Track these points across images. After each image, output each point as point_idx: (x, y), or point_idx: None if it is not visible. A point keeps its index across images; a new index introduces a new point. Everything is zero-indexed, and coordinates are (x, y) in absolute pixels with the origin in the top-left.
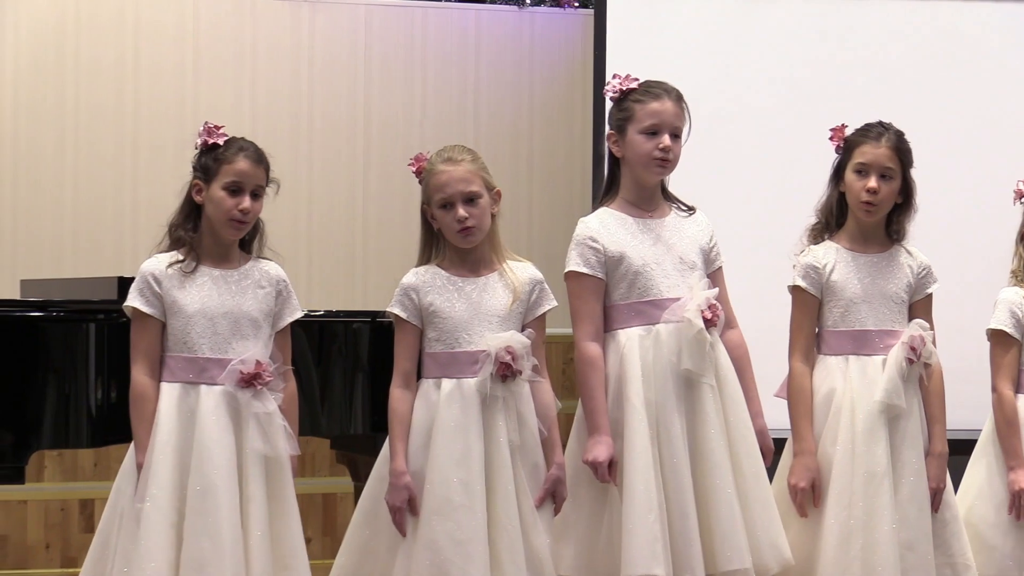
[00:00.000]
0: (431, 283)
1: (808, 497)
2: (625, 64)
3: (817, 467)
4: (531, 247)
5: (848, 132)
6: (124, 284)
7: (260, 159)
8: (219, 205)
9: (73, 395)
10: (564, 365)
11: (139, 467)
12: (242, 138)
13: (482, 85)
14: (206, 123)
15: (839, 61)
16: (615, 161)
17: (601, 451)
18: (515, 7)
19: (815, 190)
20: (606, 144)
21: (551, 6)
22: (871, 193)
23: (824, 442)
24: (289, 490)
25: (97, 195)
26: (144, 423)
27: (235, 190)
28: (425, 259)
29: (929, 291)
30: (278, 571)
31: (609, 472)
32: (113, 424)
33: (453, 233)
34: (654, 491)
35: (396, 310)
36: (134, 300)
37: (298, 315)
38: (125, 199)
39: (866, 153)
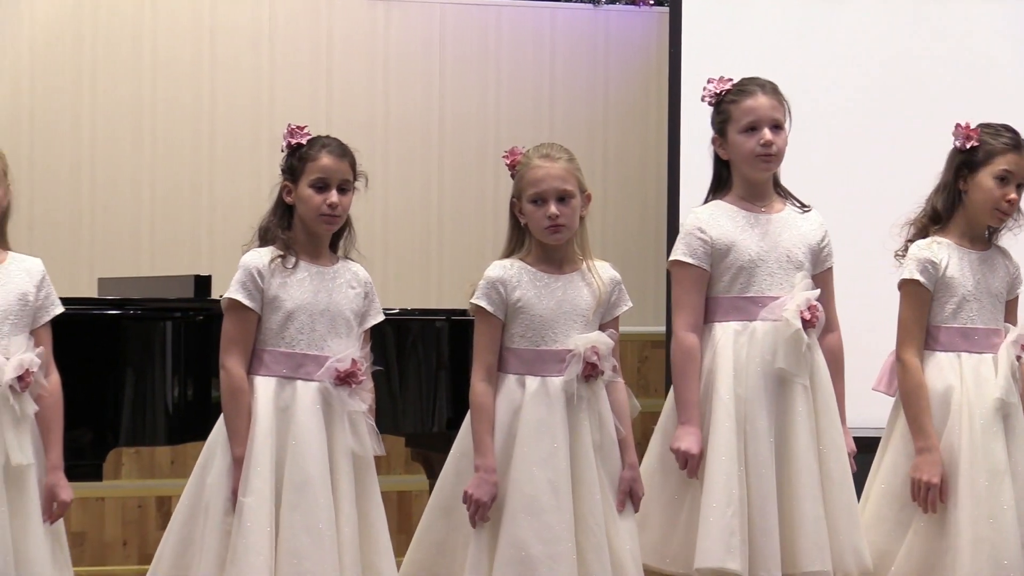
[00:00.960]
0: (519, 278)
1: (937, 493)
2: (701, 62)
3: (942, 463)
4: (605, 247)
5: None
6: (200, 282)
7: (344, 154)
8: (308, 203)
9: (150, 393)
10: (639, 364)
11: (236, 460)
12: (326, 136)
13: (557, 83)
14: (289, 125)
15: (918, 58)
16: (723, 162)
17: (692, 443)
18: (590, 5)
19: (889, 189)
20: (712, 147)
21: (626, 4)
22: (1010, 204)
23: (949, 439)
24: (375, 489)
25: (174, 194)
26: (241, 416)
27: (321, 186)
28: (509, 253)
29: (1017, 292)
30: (366, 570)
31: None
32: (189, 422)
33: (541, 229)
34: (735, 486)
35: (482, 303)
36: (236, 293)
37: (380, 318)
38: (202, 198)
39: (1011, 161)
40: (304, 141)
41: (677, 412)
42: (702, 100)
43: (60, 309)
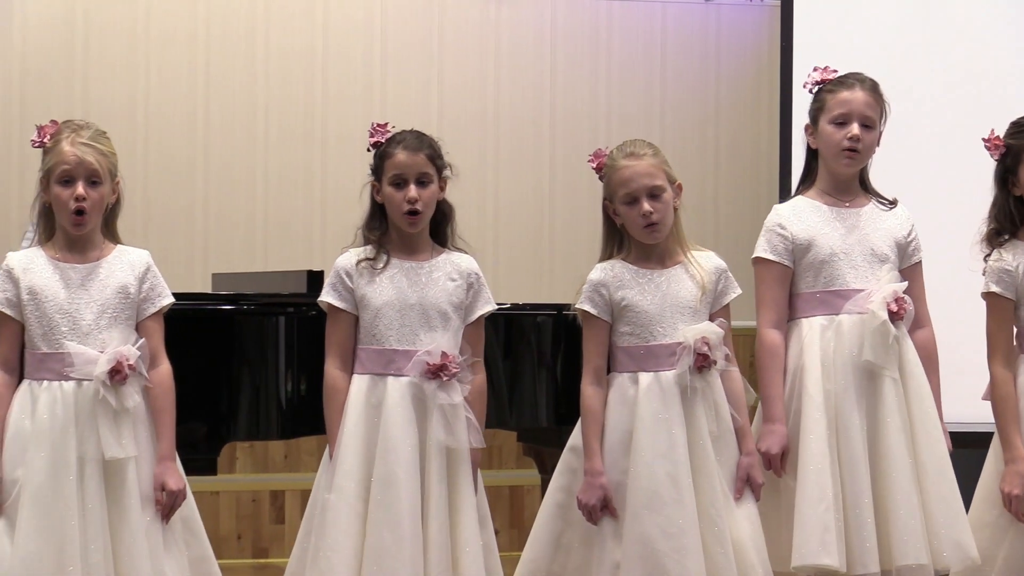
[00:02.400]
0: (620, 277)
1: (1022, 505)
2: (812, 57)
3: None
4: (717, 241)
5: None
6: (313, 278)
7: (419, 147)
8: (390, 201)
9: (264, 387)
10: (751, 356)
11: (332, 459)
12: (405, 130)
13: (668, 79)
14: (373, 123)
15: None
16: (812, 152)
17: (774, 442)
18: (701, 0)
19: None
20: (804, 135)
21: None
22: None
23: None
24: (468, 484)
25: (287, 189)
26: (335, 416)
27: (399, 183)
28: (608, 255)
29: None
30: (453, 567)
31: (781, 462)
32: (303, 416)
33: (639, 229)
34: (828, 481)
35: (586, 306)
36: (327, 295)
37: (490, 308)
38: (314, 192)
39: None
40: (384, 139)
41: (762, 410)
42: (804, 87)
43: (168, 300)
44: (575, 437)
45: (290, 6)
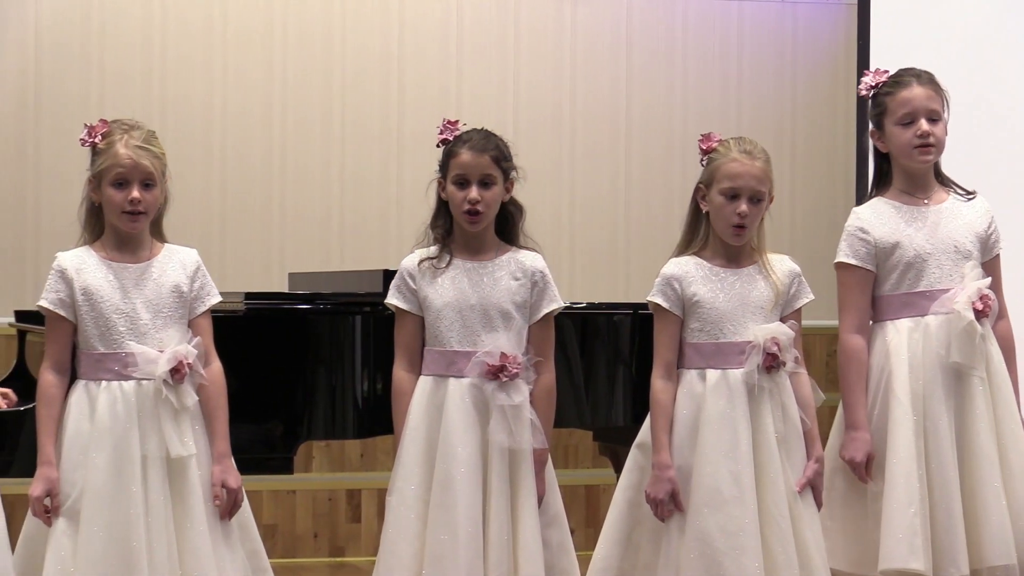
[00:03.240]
0: (694, 273)
1: None
2: (889, 55)
3: None
4: (793, 243)
5: None
6: (389, 277)
7: (485, 148)
8: (452, 199)
9: (340, 387)
10: (828, 357)
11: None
12: (474, 129)
13: (744, 78)
14: (444, 119)
15: None
16: (883, 156)
17: (858, 449)
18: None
19: None
20: (871, 141)
21: None
22: None
23: None
24: (529, 483)
25: (363, 188)
26: (401, 417)
27: (462, 183)
28: (686, 243)
29: None
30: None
31: (867, 468)
32: (379, 415)
33: (727, 226)
34: (916, 485)
35: (657, 299)
36: (392, 296)
37: (555, 306)
38: (390, 192)
39: None
40: (451, 137)
41: (844, 416)
42: (858, 94)
43: (217, 298)
44: (643, 434)
45: (366, 6)
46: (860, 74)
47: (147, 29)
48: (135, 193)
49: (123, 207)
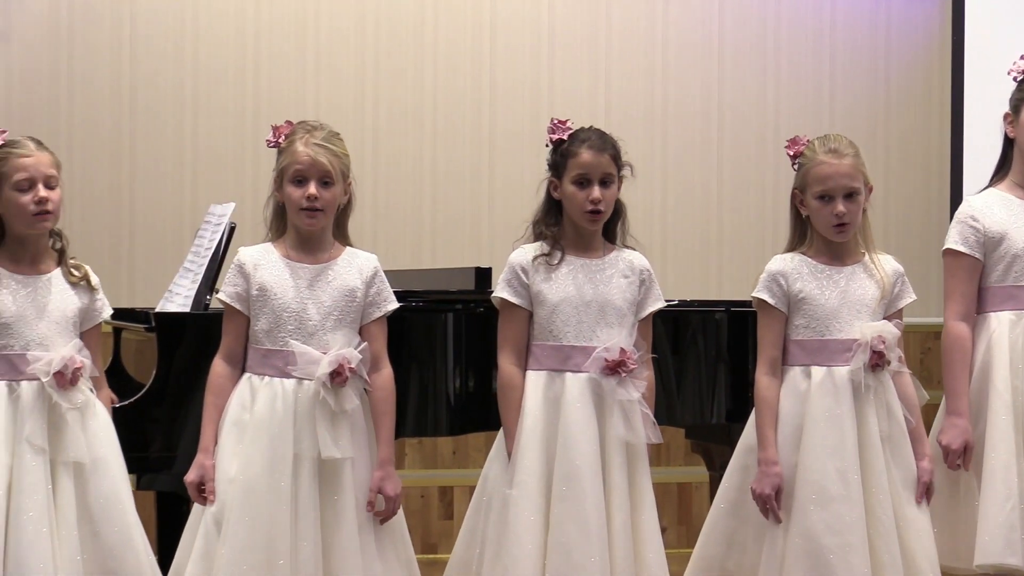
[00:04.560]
0: (799, 270)
1: None
2: (984, 48)
3: None
4: (887, 237)
5: None
6: (481, 274)
7: (603, 147)
8: (572, 200)
9: (432, 384)
10: (921, 355)
11: (509, 454)
12: (587, 128)
13: (836, 73)
14: (553, 119)
15: None
16: (1009, 142)
17: (955, 436)
18: None
19: None
20: (1003, 123)
21: None
22: None
23: None
24: (647, 479)
25: (454, 186)
26: (512, 411)
27: (583, 183)
28: (792, 246)
29: None
30: (636, 560)
31: (963, 457)
32: (471, 413)
33: (828, 227)
34: (1014, 479)
35: (763, 295)
36: (502, 291)
37: (660, 305)
38: (482, 189)
39: None
40: (566, 136)
41: (945, 402)
42: (1009, 74)
43: (394, 305)
44: (747, 436)
45: (458, 2)
46: (957, 66)
47: (240, 26)
48: (312, 190)
49: (300, 204)
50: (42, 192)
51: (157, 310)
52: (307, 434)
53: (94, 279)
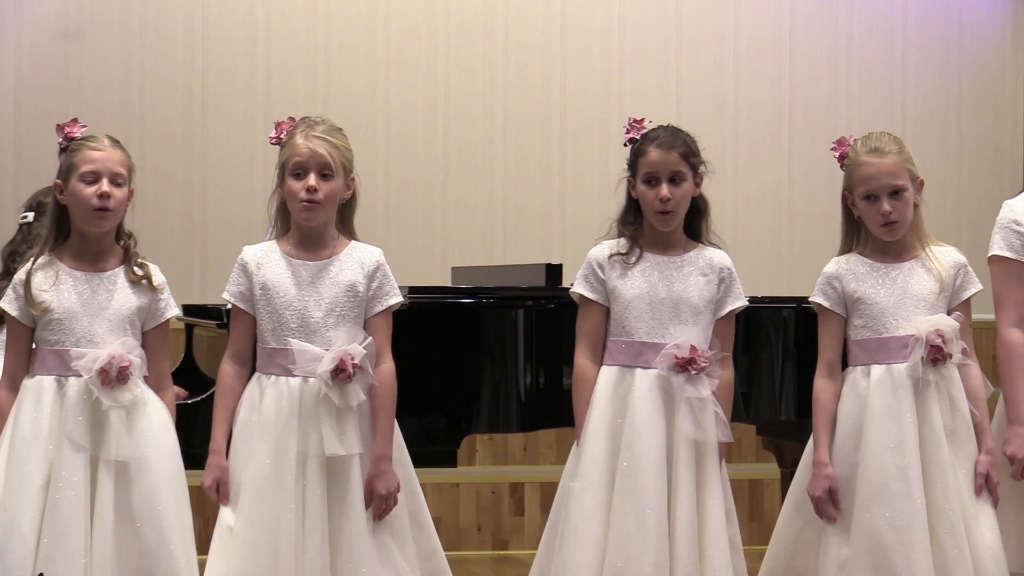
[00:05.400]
0: (854, 271)
1: None
2: None
3: None
4: (959, 234)
5: None
6: (552, 271)
7: (672, 145)
8: (643, 199)
9: (503, 380)
10: (994, 351)
11: (578, 447)
12: (660, 126)
13: (909, 69)
14: (629, 119)
15: None
16: None
17: (1021, 446)
18: None
19: None
20: None
21: None
22: None
23: None
24: (715, 476)
25: (525, 182)
26: (583, 405)
27: (651, 181)
28: (847, 247)
29: None
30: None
31: None
32: (542, 409)
33: (877, 226)
34: None
35: (819, 299)
36: (579, 286)
37: (740, 304)
38: (552, 185)
39: None
40: (638, 136)
41: (1006, 411)
42: None
43: (396, 299)
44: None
45: (528, 1)
46: None
47: (311, 23)
48: (311, 181)
49: (300, 196)
50: (105, 187)
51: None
52: (313, 432)
53: (157, 279)
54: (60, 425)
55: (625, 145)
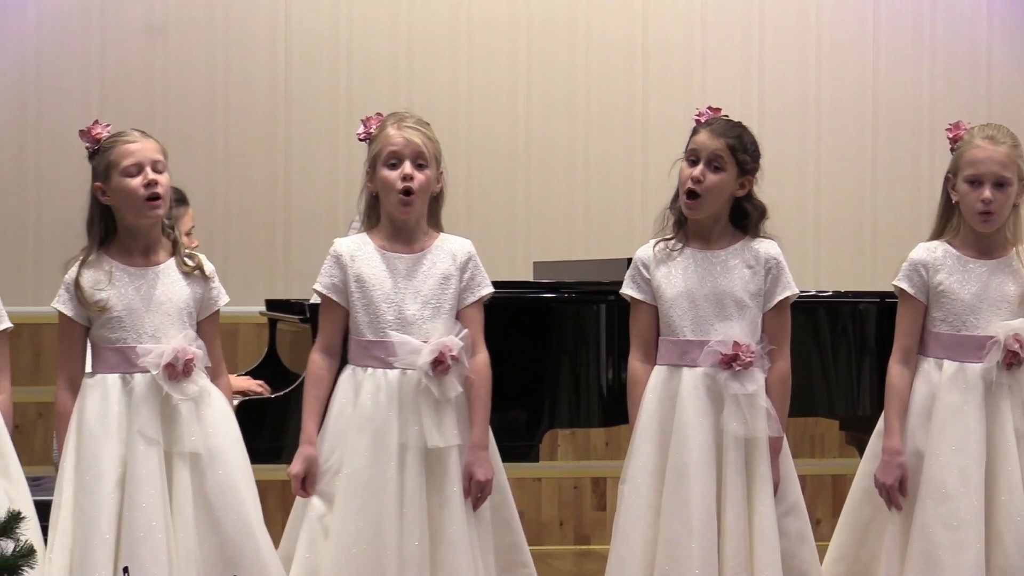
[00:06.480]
0: (942, 261)
1: None
2: None
3: None
4: None
5: None
6: None
7: (724, 132)
8: (679, 177)
9: (584, 375)
10: None
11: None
12: (718, 117)
13: (993, 67)
14: (708, 107)
15: None
16: None
17: None
18: None
19: None
20: None
21: None
22: None
23: None
24: (764, 472)
25: (607, 177)
26: (635, 406)
27: (692, 160)
28: (938, 233)
29: None
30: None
31: None
32: (624, 404)
33: (973, 213)
34: None
35: (903, 284)
36: (627, 287)
37: (789, 293)
38: (635, 180)
39: None
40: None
41: None
42: None
43: (488, 290)
44: (879, 424)
45: None
46: None
47: (394, 17)
48: (408, 169)
49: (396, 185)
50: (151, 175)
51: (311, 301)
52: (412, 424)
53: (208, 268)
54: (129, 422)
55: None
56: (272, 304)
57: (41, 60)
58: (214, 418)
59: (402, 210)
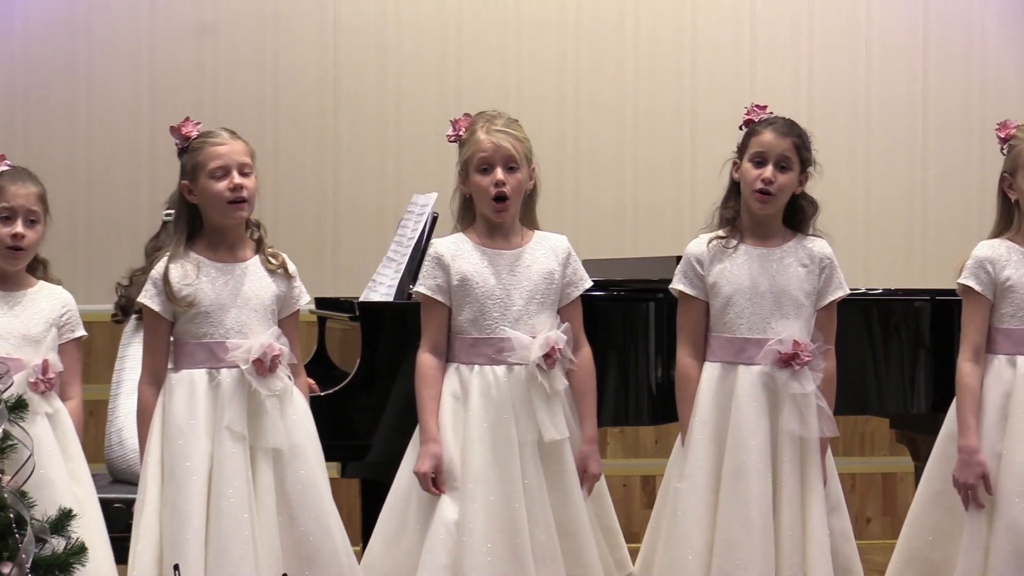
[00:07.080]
0: (1007, 258)
1: None
2: None
3: None
4: None
5: None
6: None
7: (789, 132)
8: (745, 178)
9: (633, 373)
10: None
11: (684, 447)
12: (775, 116)
13: None
14: (753, 104)
15: None
16: None
17: None
18: None
19: None
20: None
21: None
22: None
23: None
24: (816, 472)
25: (656, 175)
26: (686, 403)
27: (759, 161)
28: (998, 232)
29: None
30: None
31: None
32: (672, 402)
33: None
34: None
35: (969, 282)
36: (678, 282)
37: (841, 293)
38: (683, 179)
39: None
40: (756, 119)
41: None
42: None
43: (588, 284)
44: (949, 424)
45: None
46: None
47: (442, 16)
48: (499, 175)
49: (489, 192)
50: (237, 179)
51: (361, 299)
52: (525, 419)
53: (291, 267)
54: (216, 417)
55: (740, 128)
56: (321, 302)
57: (92, 60)
58: (295, 415)
59: (497, 215)
